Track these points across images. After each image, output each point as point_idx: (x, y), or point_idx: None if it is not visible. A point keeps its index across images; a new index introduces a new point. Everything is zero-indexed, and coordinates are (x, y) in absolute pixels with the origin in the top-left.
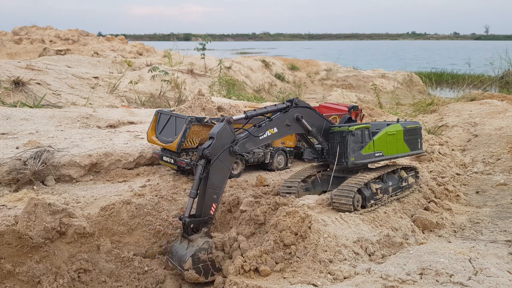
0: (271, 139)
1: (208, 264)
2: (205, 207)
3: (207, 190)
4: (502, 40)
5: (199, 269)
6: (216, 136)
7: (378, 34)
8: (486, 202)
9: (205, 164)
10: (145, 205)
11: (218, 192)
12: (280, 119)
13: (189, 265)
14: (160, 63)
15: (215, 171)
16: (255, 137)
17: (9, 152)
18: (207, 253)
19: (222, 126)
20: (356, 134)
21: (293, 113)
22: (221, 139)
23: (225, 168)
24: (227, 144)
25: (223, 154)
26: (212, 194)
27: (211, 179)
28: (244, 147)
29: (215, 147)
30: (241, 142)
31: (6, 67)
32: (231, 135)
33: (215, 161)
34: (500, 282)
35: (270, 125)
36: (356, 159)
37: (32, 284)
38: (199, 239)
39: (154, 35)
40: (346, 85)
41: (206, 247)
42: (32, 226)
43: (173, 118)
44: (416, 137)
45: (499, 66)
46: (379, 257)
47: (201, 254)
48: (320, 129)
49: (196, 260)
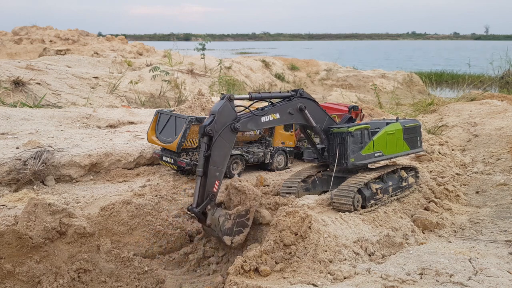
0: (272, 124)
1: (237, 222)
2: (208, 184)
3: (209, 167)
4: (502, 40)
5: (237, 231)
6: (217, 113)
7: (378, 34)
8: (486, 202)
9: (208, 142)
10: (145, 205)
11: (221, 169)
12: (284, 106)
13: (229, 240)
14: (160, 63)
15: (217, 148)
16: (258, 118)
17: (9, 152)
18: (229, 218)
19: (223, 104)
20: (355, 135)
21: (296, 102)
22: (223, 116)
23: (227, 146)
24: (228, 121)
25: (225, 132)
26: (214, 171)
27: (213, 156)
28: (246, 126)
29: (216, 124)
30: (243, 120)
31: (6, 67)
32: (232, 112)
33: (217, 138)
34: (500, 282)
35: (273, 110)
36: (356, 160)
37: (32, 284)
38: (213, 218)
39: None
40: (346, 85)
41: (224, 218)
42: (32, 226)
43: (173, 118)
44: (415, 136)
45: (499, 66)
46: (379, 257)
47: (227, 225)
48: (321, 124)
49: (229, 232)
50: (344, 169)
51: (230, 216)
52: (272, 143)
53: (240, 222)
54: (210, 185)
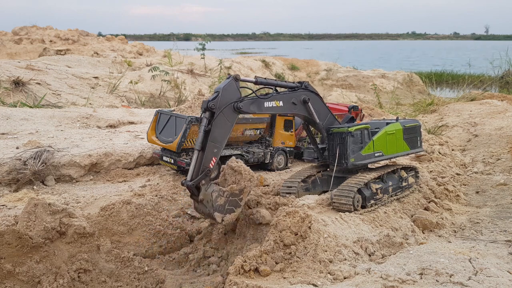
0: (275, 111)
1: (230, 200)
2: (205, 160)
3: (208, 143)
4: (502, 40)
5: (229, 209)
6: (221, 90)
7: (378, 34)
8: (486, 202)
9: (209, 117)
10: (145, 205)
11: (219, 146)
12: (288, 95)
13: (220, 217)
14: (160, 63)
15: (217, 125)
16: (261, 102)
17: (9, 152)
18: (222, 195)
19: (228, 82)
20: (355, 135)
21: (301, 94)
22: (227, 94)
23: (228, 124)
24: (232, 100)
25: (227, 109)
26: (213, 147)
27: (213, 132)
28: (249, 107)
29: (219, 100)
30: (247, 101)
31: (6, 67)
32: (237, 92)
33: (218, 114)
34: (500, 282)
35: (277, 97)
36: (356, 160)
37: (32, 284)
38: (207, 193)
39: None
40: (346, 85)
41: (217, 194)
42: (32, 226)
43: (173, 118)
44: (415, 136)
45: (499, 66)
46: (379, 257)
47: (219, 201)
48: (324, 120)
49: (221, 208)
50: (344, 169)
51: (223, 193)
52: (272, 143)
53: (233, 201)
54: (207, 161)
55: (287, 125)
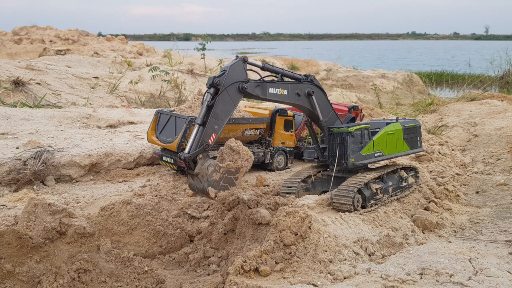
0: (278, 99)
1: (225, 177)
2: (204, 135)
3: (210, 118)
4: (502, 40)
5: (223, 186)
6: (229, 68)
7: (378, 34)
8: (486, 202)
9: (213, 93)
10: (145, 205)
11: (220, 123)
12: (293, 85)
13: (213, 192)
14: (160, 63)
15: (221, 102)
16: (266, 87)
17: (9, 152)
18: (218, 170)
19: (236, 62)
20: (355, 134)
21: (306, 86)
22: (233, 73)
23: (231, 103)
24: (238, 80)
25: (232, 88)
26: (213, 123)
27: (216, 108)
28: (253, 89)
29: (226, 78)
30: (252, 83)
31: (6, 67)
32: (244, 73)
33: (222, 91)
34: (500, 282)
35: (282, 85)
36: (356, 160)
37: (32, 284)
38: (203, 168)
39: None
40: (346, 85)
41: (213, 169)
42: (32, 226)
43: (173, 118)
44: (415, 136)
45: (499, 66)
46: (379, 257)
47: (214, 176)
48: (326, 116)
49: (215, 184)
50: (344, 169)
51: (219, 169)
52: (272, 143)
53: (228, 178)
54: (207, 136)
55: (287, 125)
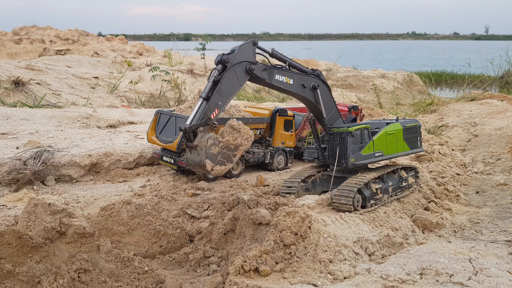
0: (283, 87)
1: (224, 153)
2: (207, 109)
3: (214, 93)
4: (502, 40)
5: (220, 161)
6: (238, 48)
7: (378, 34)
8: (486, 202)
9: (221, 70)
10: (145, 205)
11: (224, 100)
12: (300, 76)
13: (210, 165)
14: (160, 63)
15: (227, 80)
16: (273, 73)
17: (9, 152)
18: (217, 144)
19: (246, 43)
20: (355, 134)
21: (312, 79)
22: (243, 53)
23: (237, 82)
24: (246, 60)
25: (239, 68)
26: (217, 99)
27: (221, 85)
28: (260, 72)
29: (235, 56)
30: (260, 65)
31: (6, 67)
32: (253, 55)
33: (230, 69)
34: (500, 282)
35: (289, 74)
36: (356, 160)
37: (32, 284)
38: (202, 140)
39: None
40: (346, 85)
41: (212, 142)
42: (32, 226)
43: (173, 118)
44: (415, 136)
45: (499, 66)
46: (379, 257)
47: (213, 149)
48: (328, 113)
49: (213, 157)
50: (344, 169)
51: (218, 143)
52: (272, 143)
53: (226, 154)
54: (209, 110)
55: (287, 125)
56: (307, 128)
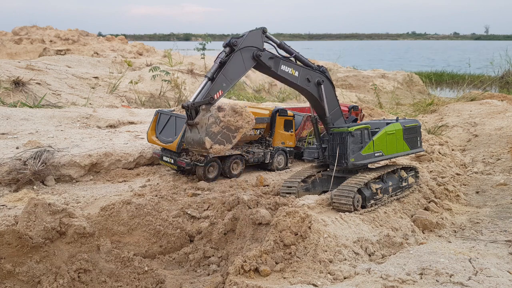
0: (288, 78)
1: (224, 133)
2: (211, 89)
3: (220, 75)
4: (502, 40)
5: (220, 141)
6: (248, 33)
7: (378, 34)
8: (486, 202)
9: (228, 52)
10: (145, 205)
11: (228, 83)
12: (306, 69)
13: (209, 143)
14: (160, 63)
15: (233, 62)
16: (279, 62)
17: (9, 152)
18: (218, 123)
19: (256, 30)
20: (355, 134)
21: (317, 75)
22: (252, 38)
23: (243, 66)
24: (254, 45)
25: (247, 52)
26: (222, 81)
27: (227, 67)
28: (267, 59)
29: (243, 40)
30: (268, 53)
31: (6, 67)
32: (261, 42)
33: (237, 52)
34: (500, 282)
35: (295, 66)
36: (356, 160)
37: (32, 284)
38: (204, 118)
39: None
40: (346, 85)
41: (213, 120)
42: (32, 226)
43: (173, 118)
44: (415, 136)
45: (499, 66)
46: (379, 257)
47: (213, 128)
48: (331, 110)
49: (213, 136)
50: (344, 169)
51: (220, 122)
52: (272, 143)
53: (226, 135)
54: (213, 90)
55: (287, 125)
56: (307, 128)
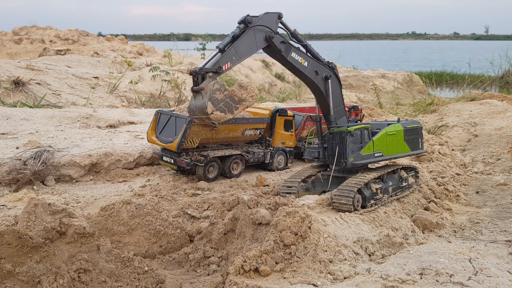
0: (297, 66)
1: (227, 102)
2: (221, 59)
3: (231, 48)
4: (502, 40)
5: (222, 108)
6: (264, 14)
7: (378, 34)
8: (486, 202)
9: (242, 28)
10: (145, 205)
11: (238, 57)
12: (315, 62)
13: (211, 108)
14: (160, 63)
15: (245, 38)
16: (290, 49)
17: (9, 152)
18: (222, 91)
19: (272, 13)
20: (355, 134)
21: (326, 69)
22: (267, 19)
23: (255, 44)
24: (269, 26)
25: (260, 32)
26: (232, 54)
27: (240, 42)
28: (279, 42)
29: (259, 19)
30: (280, 37)
31: (6, 67)
32: (275, 25)
33: (250, 29)
34: (500, 282)
35: (306, 56)
36: (355, 160)
37: (32, 284)
38: (209, 84)
39: (154, 35)
40: (346, 85)
41: (218, 87)
42: (32, 226)
43: (173, 118)
44: (417, 137)
45: (499, 66)
46: (379, 257)
47: (217, 95)
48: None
49: (216, 102)
50: (344, 168)
51: (224, 91)
52: (272, 143)
53: (229, 104)
54: (223, 61)
55: (287, 125)
56: (307, 128)
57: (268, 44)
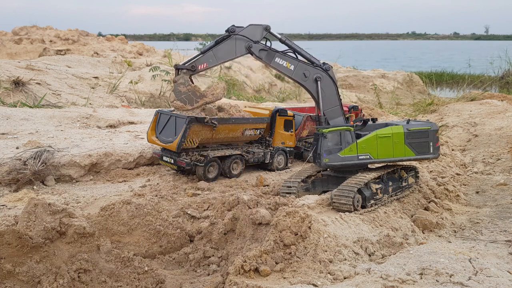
0: (282, 71)
1: (188, 94)
2: (198, 60)
3: (210, 51)
4: (502, 40)
5: (183, 99)
6: (249, 25)
7: (378, 34)
8: (486, 202)
9: (225, 36)
10: (145, 205)
11: (215, 60)
12: (303, 64)
13: (172, 97)
14: (160, 63)
15: (225, 45)
16: (273, 55)
17: (9, 152)
18: (186, 85)
19: (258, 25)
20: (329, 137)
21: (316, 71)
22: (251, 31)
23: (233, 51)
24: (251, 38)
25: (242, 41)
26: (210, 57)
27: (219, 46)
28: (258, 52)
29: (242, 30)
30: (259, 46)
31: (6, 67)
32: (259, 37)
33: (232, 37)
34: (500, 282)
35: (291, 60)
36: (331, 161)
37: (32, 284)
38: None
39: (154, 35)
40: (346, 85)
41: (182, 81)
42: (32, 226)
43: (173, 118)
44: (426, 140)
45: (499, 66)
46: (379, 257)
47: (180, 88)
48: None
49: (178, 93)
50: (323, 168)
51: (187, 85)
52: (272, 143)
53: (190, 97)
54: (199, 61)
55: (287, 125)
56: (307, 128)
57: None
